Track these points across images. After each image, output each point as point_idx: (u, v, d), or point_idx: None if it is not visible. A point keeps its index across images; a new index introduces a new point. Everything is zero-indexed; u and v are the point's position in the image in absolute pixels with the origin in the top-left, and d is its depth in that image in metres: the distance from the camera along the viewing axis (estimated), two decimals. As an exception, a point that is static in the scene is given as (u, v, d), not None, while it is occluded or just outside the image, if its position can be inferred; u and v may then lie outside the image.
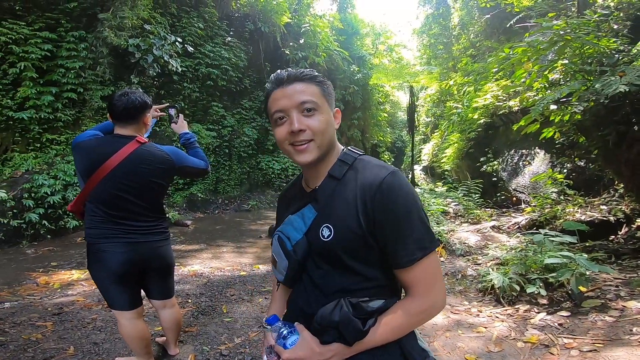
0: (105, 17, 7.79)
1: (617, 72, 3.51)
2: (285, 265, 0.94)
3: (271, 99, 0.95)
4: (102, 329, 3.00)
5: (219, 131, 12.00)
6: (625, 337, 2.41)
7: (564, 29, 4.23)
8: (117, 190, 1.90)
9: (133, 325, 2.05)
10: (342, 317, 0.83)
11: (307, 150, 0.91)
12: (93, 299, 3.62)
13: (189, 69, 10.75)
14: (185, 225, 8.50)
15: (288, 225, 0.97)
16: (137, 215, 1.96)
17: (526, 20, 9.02)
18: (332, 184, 0.93)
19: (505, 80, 8.93)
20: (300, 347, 0.88)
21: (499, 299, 3.43)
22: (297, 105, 0.90)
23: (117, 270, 1.92)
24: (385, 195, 0.85)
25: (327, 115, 0.93)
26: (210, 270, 4.81)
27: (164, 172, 2.00)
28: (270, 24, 13.07)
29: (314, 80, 0.95)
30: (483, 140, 11.06)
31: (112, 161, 1.88)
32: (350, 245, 0.88)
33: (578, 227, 4.28)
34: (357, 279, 0.90)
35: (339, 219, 0.89)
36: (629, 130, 4.11)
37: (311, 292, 0.94)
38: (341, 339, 0.85)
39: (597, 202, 6.39)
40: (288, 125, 0.91)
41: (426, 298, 0.88)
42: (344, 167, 0.94)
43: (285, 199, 1.12)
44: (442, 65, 17.42)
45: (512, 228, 6.71)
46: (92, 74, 7.89)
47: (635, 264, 3.94)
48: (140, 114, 2.01)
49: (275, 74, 0.97)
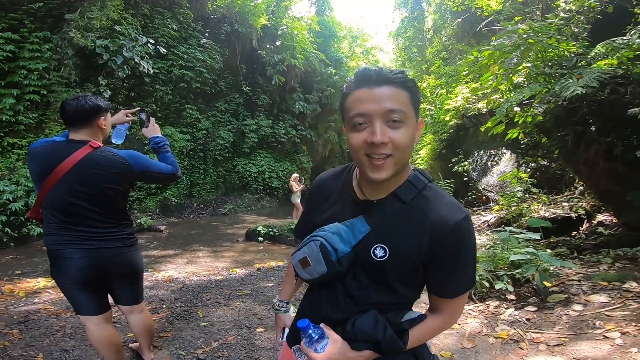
0: (72, 18, 7.53)
1: (575, 75, 3.70)
2: (322, 272, 0.92)
3: (352, 98, 0.84)
4: (71, 336, 2.91)
5: (193, 134, 11.78)
6: (590, 331, 2.54)
7: (528, 32, 4.43)
8: (69, 196, 1.84)
9: (101, 330, 2.01)
10: (387, 337, 0.88)
11: (384, 167, 0.83)
12: (61, 306, 3.49)
13: (161, 70, 10.51)
14: (159, 230, 8.29)
15: (335, 235, 0.92)
16: (94, 221, 1.90)
17: (494, 24, 9.41)
18: (396, 205, 0.90)
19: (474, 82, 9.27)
20: (333, 351, 0.89)
21: (470, 296, 3.53)
22: (384, 113, 0.80)
23: (77, 276, 1.88)
24: (458, 238, 0.87)
25: (412, 129, 0.85)
26: (186, 275, 4.72)
27: (119, 177, 1.92)
28: (247, 25, 12.97)
29: (406, 84, 0.83)
30: (454, 141, 11.42)
31: (63, 167, 1.82)
32: (401, 269, 0.90)
33: (542, 224, 4.50)
34: (391, 297, 0.94)
35: (397, 243, 0.88)
36: (586, 131, 4.35)
37: (342, 301, 0.95)
38: (375, 349, 0.89)
39: (559, 200, 6.75)
40: (368, 133, 0.81)
41: (451, 319, 0.98)
42: (413, 191, 0.90)
43: (324, 189, 1.05)
44: (416, 68, 17.87)
45: (482, 226, 6.97)
46: (57, 75, 7.60)
47: (596, 259, 4.16)
48: (93, 117, 1.94)
49: (361, 71, 0.85)
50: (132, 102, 9.99)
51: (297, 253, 0.97)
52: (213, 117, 12.72)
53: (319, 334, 0.92)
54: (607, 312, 2.75)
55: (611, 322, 2.60)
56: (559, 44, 4.37)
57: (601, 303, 2.92)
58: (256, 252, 6.24)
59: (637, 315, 2.62)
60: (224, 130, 12.77)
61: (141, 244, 6.63)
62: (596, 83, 3.39)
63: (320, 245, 0.91)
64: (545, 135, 5.54)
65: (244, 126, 13.45)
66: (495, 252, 4.07)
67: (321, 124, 16.31)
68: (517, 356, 2.42)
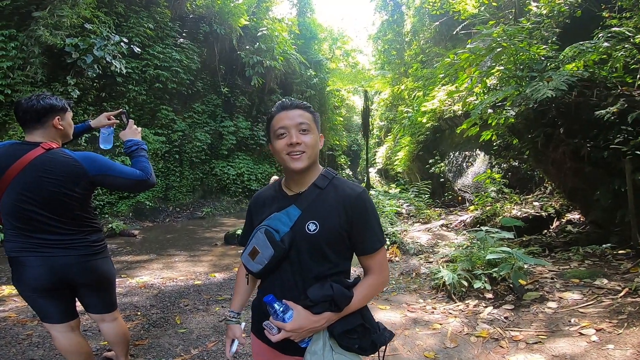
0: (41, 16, 7.24)
1: (545, 78, 3.85)
2: (270, 255, 1.14)
3: (276, 118, 1.21)
4: (39, 345, 2.78)
5: (168, 136, 11.46)
6: (565, 328, 2.63)
7: (501, 35, 4.57)
8: (19, 202, 1.74)
9: (67, 339, 1.92)
10: (336, 290, 1.11)
11: (301, 159, 1.17)
12: (27, 315, 3.33)
13: (135, 70, 10.17)
14: (132, 235, 8.00)
15: (275, 220, 1.18)
16: (51, 228, 1.79)
17: (470, 28, 9.68)
18: (315, 192, 1.21)
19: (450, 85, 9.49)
20: (299, 318, 1.09)
21: (451, 295, 3.60)
22: (296, 125, 1.18)
23: (36, 285, 1.79)
24: (361, 204, 1.20)
25: (316, 136, 1.22)
26: (162, 281, 4.57)
27: (70, 181, 1.79)
28: (227, 26, 12.78)
29: (309, 109, 1.24)
30: (431, 143, 11.67)
31: (12, 170, 1.72)
32: (331, 237, 1.17)
33: (514, 224, 4.65)
34: (329, 266, 1.18)
35: (324, 217, 1.17)
36: (554, 133, 4.53)
37: (291, 279, 1.18)
38: (331, 309, 1.10)
39: (530, 199, 7.01)
40: (288, 139, 1.16)
41: (381, 275, 1.24)
42: (326, 180, 1.23)
43: (260, 199, 1.33)
44: (394, 71, 18.13)
45: (458, 226, 7.13)
46: (22, 74, 7.26)
47: (566, 256, 4.33)
48: (45, 117, 1.83)
49: (280, 101, 1.24)
50: (103, 102, 9.63)
51: (245, 250, 1.22)
52: (189, 118, 12.44)
53: (283, 306, 1.09)
54: (581, 309, 2.85)
55: (585, 318, 2.70)
56: (530, 48, 4.53)
57: (574, 300, 3.03)
58: (236, 255, 6.12)
59: (610, 311, 2.73)
60: (200, 132, 12.51)
61: (113, 249, 6.43)
62: (565, 86, 3.53)
63: (265, 231, 1.16)
64: (516, 137, 5.74)
65: (222, 128, 13.22)
66: (472, 251, 4.16)
67: (301, 126, 16.27)
68: (498, 355, 2.48)
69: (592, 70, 4.00)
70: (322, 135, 1.29)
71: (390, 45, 18.62)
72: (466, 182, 9.77)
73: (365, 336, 1.16)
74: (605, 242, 4.32)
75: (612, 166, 4.03)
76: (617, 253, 4.05)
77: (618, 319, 2.60)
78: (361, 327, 1.16)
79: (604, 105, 3.77)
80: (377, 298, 4.03)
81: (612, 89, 3.99)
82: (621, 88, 3.97)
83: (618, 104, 3.70)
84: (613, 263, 3.82)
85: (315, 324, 1.10)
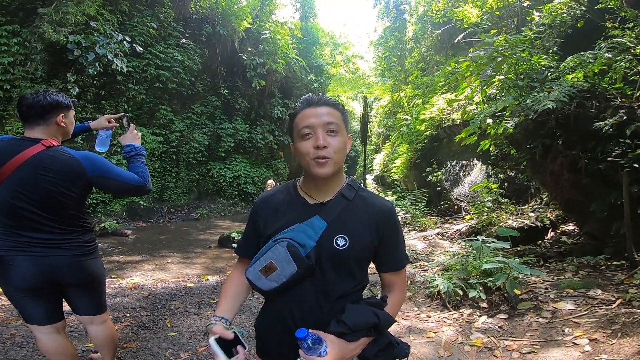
0: (46, 12, 7.27)
1: (546, 88, 3.84)
2: (292, 273, 1.00)
3: (300, 116, 1.07)
4: (22, 345, 2.72)
5: (166, 136, 11.43)
6: (559, 337, 2.61)
7: (503, 45, 4.57)
8: (13, 199, 1.70)
9: (51, 340, 1.87)
10: (382, 317, 1.04)
11: (327, 165, 1.03)
12: (11, 314, 3.26)
13: (135, 69, 10.16)
14: (125, 235, 7.93)
15: (299, 233, 1.03)
16: (43, 227, 1.75)
17: (472, 36, 9.74)
18: (342, 203, 1.10)
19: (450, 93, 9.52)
20: (335, 350, 0.98)
21: (445, 304, 3.58)
22: (324, 125, 1.04)
23: (22, 285, 1.74)
24: (393, 220, 1.14)
25: (345, 138, 1.09)
26: (153, 283, 4.51)
27: (69, 181, 1.76)
28: (230, 28, 12.82)
29: (338, 106, 1.10)
30: (429, 151, 11.68)
31: (9, 166, 1.69)
32: (361, 253, 1.08)
33: (510, 234, 4.64)
34: (353, 283, 1.09)
35: (354, 232, 1.07)
36: (553, 144, 4.53)
37: (314, 299, 1.05)
38: (369, 334, 1.03)
39: (526, 210, 7.01)
40: (314, 140, 1.03)
41: (404, 291, 1.21)
42: (353, 191, 1.13)
43: (271, 203, 1.15)
44: (394, 78, 18.22)
45: (454, 235, 7.11)
46: (22, 70, 7.26)
47: (561, 267, 4.32)
48: (49, 114, 1.81)
49: (307, 96, 1.11)
50: (102, 100, 9.61)
51: (255, 264, 1.04)
52: (188, 119, 12.42)
53: (315, 338, 0.95)
54: (575, 319, 2.83)
55: (579, 328, 2.68)
56: (531, 57, 4.54)
57: (568, 310, 3.01)
58: (229, 258, 6.06)
59: (603, 322, 2.71)
60: (199, 133, 12.48)
61: (104, 248, 6.36)
62: (566, 97, 3.53)
63: (287, 245, 1.00)
64: (514, 147, 5.74)
65: (220, 130, 13.20)
66: (468, 260, 4.15)
67: (300, 130, 16.23)
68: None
69: (593, 81, 4.00)
70: (350, 136, 1.15)
71: (392, 52, 18.73)
72: (463, 191, 9.78)
73: (389, 352, 1.09)
74: (599, 253, 4.31)
75: (609, 178, 4.03)
76: (612, 264, 4.04)
77: (612, 329, 2.58)
78: (389, 345, 1.10)
79: (603, 117, 3.78)
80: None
81: (611, 100, 4.00)
82: (620, 100, 3.98)
83: (617, 116, 3.70)
84: (607, 274, 3.80)
85: (352, 353, 1.01)
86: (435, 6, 12.94)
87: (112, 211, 9.49)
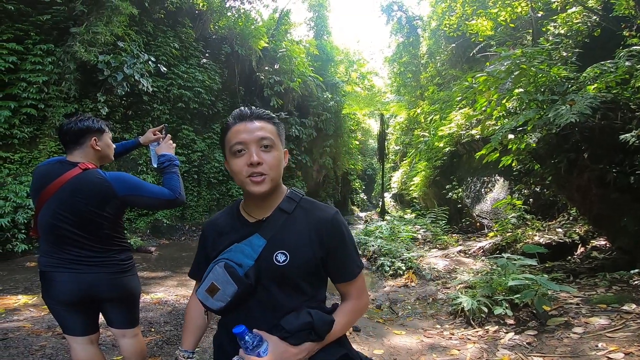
0: (78, 32, 7.55)
1: (567, 101, 3.78)
2: (233, 292, 1.00)
3: (232, 131, 1.05)
4: (52, 357, 2.77)
5: (188, 156, 11.72)
6: (592, 352, 2.50)
7: (520, 58, 4.54)
8: (53, 219, 1.81)
9: (84, 351, 1.94)
10: (316, 316, 1.00)
11: (264, 182, 1.02)
12: (42, 326, 3.35)
13: (160, 89, 10.54)
14: (149, 251, 8.08)
15: (236, 253, 1.03)
16: (83, 245, 1.85)
17: (487, 49, 9.69)
18: (281, 217, 1.07)
19: (468, 108, 9.42)
20: (276, 351, 0.97)
21: (469, 321, 3.48)
22: (257, 140, 1.02)
23: (64, 300, 1.85)
24: (337, 229, 1.08)
25: (280, 152, 1.07)
26: (176, 298, 4.57)
27: (101, 201, 1.84)
28: (247, 47, 13.17)
29: (272, 120, 1.09)
30: (448, 168, 11.53)
31: (50, 189, 1.82)
32: (305, 268, 1.04)
33: (537, 250, 4.50)
34: (303, 298, 1.05)
35: (294, 246, 1.04)
36: (578, 158, 4.42)
37: (261, 316, 1.03)
38: (311, 338, 0.99)
39: (553, 226, 6.78)
40: (247, 157, 1.01)
41: (361, 300, 1.14)
42: (293, 203, 1.10)
43: (217, 227, 1.17)
44: (410, 94, 18.17)
45: (477, 252, 6.93)
46: (56, 89, 7.53)
47: (592, 282, 4.14)
48: (82, 138, 1.92)
49: (238, 110, 1.08)
50: (129, 120, 9.98)
51: (201, 286, 1.06)
52: (209, 139, 12.73)
53: (257, 339, 0.96)
54: (609, 334, 2.70)
55: (613, 343, 2.55)
56: (550, 69, 4.49)
57: (602, 325, 2.88)
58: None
59: (639, 335, 2.58)
60: (219, 153, 12.75)
61: (131, 263, 6.46)
62: (589, 110, 3.46)
63: (224, 265, 1.01)
64: (538, 162, 5.62)
65: (239, 149, 13.44)
66: (493, 277, 4.04)
67: (316, 149, 16.25)
68: (520, 382, 2.35)
69: (616, 91, 3.91)
70: (286, 150, 1.13)
71: (406, 67, 18.73)
72: (485, 208, 9.55)
73: None
74: (632, 268, 4.12)
75: (639, 192, 3.89)
76: (646, 280, 3.84)
77: (649, 344, 2.44)
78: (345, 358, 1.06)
79: (629, 129, 3.68)
80: (392, 323, 3.91)
81: (636, 110, 3.90)
82: (645, 110, 3.88)
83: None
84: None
85: (295, 357, 0.98)
86: (448, 20, 12.97)
87: (137, 228, 9.72)
